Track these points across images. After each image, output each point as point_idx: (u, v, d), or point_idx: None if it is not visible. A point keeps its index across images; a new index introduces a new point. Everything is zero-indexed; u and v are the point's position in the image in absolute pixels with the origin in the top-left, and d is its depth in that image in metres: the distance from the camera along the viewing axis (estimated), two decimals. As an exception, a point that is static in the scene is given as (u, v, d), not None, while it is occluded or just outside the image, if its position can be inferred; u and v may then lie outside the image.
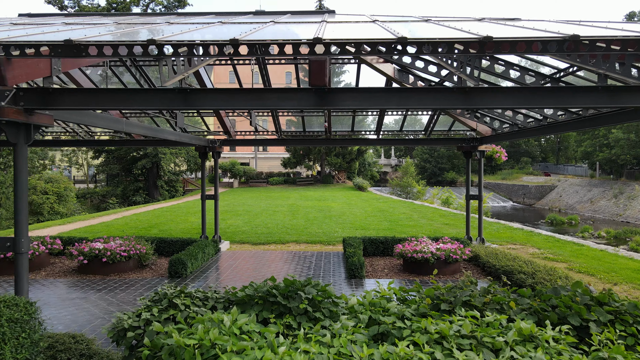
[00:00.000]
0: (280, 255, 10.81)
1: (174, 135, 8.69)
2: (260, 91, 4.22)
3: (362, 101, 4.20)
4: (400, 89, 4.26)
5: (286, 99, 4.21)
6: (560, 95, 4.04)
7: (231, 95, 4.23)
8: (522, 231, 14.37)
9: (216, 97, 4.21)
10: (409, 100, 4.16)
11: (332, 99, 4.19)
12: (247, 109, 4.32)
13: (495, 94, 4.02)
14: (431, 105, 4.19)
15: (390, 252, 10.64)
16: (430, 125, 11.40)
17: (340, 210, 20.99)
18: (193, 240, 10.81)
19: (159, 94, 4.17)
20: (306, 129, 11.92)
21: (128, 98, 4.12)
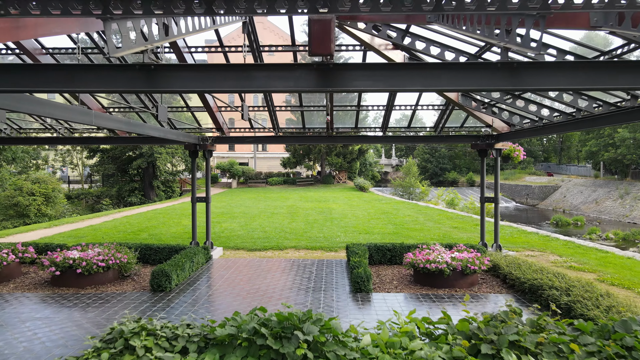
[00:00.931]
0: (277, 263, 9.84)
1: (157, 131, 7.73)
2: (246, 68, 3.27)
3: (377, 81, 3.24)
4: (427, 64, 3.30)
5: (279, 78, 3.25)
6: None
7: (209, 73, 3.27)
8: (537, 236, 13.39)
9: (189, 76, 3.25)
10: (439, 79, 3.20)
11: (339, 78, 3.23)
12: (230, 90, 3.36)
13: (552, 71, 3.07)
14: (467, 85, 3.24)
15: (398, 260, 9.67)
16: (441, 121, 10.43)
17: (342, 212, 20.02)
18: (182, 247, 9.84)
19: (113, 71, 3.21)
20: (306, 126, 10.97)
21: (71, 77, 3.16)
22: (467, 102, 9.12)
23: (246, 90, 3.30)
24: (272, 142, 10.63)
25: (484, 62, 3.16)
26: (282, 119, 25.52)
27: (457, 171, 71.04)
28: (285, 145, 44.61)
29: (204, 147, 10.32)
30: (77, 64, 3.04)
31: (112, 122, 6.16)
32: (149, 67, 3.20)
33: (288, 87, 3.26)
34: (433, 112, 75.49)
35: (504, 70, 3.12)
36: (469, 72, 3.18)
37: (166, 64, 3.22)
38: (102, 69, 3.19)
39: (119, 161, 36.25)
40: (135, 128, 7.22)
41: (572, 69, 3.05)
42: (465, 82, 3.20)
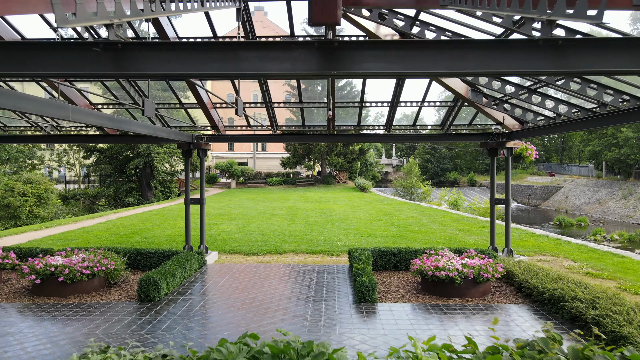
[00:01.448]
0: (276, 269, 9.27)
1: (145, 128, 7.16)
2: (234, 47, 2.70)
3: (391, 62, 2.67)
4: (451, 42, 2.73)
5: (274, 60, 2.69)
6: None
7: (188, 54, 2.70)
8: (548, 239, 12.82)
9: (164, 57, 2.68)
10: (464, 59, 2.64)
11: (345, 60, 2.67)
12: (214, 75, 2.79)
13: (611, 50, 2.50)
14: (498, 67, 2.67)
15: (404, 266, 9.10)
16: (448, 118, 9.87)
17: (343, 214, 19.45)
18: (174, 252, 9.27)
19: (69, 51, 2.64)
20: (306, 124, 10.40)
21: (15, 57, 2.57)
22: (477, 98, 8.55)
23: (233, 75, 2.74)
24: (271, 140, 10.06)
25: (521, 39, 2.59)
26: (281, 119, 24.91)
27: (458, 171, 70.57)
28: (285, 145, 44.04)
29: (197, 146, 9.75)
30: (21, 42, 2.49)
31: (92, 118, 5.59)
32: (115, 46, 2.63)
33: (284, 71, 2.70)
34: (434, 112, 75.04)
35: (547, 48, 2.56)
36: (502, 52, 2.61)
37: (136, 42, 2.65)
38: (54, 48, 2.61)
39: (116, 161, 35.68)
40: (121, 125, 6.64)
41: (633, 46, 2.48)
42: (497, 63, 2.63)
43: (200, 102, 8.89)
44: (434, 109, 69.12)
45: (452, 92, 8.54)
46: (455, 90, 8.25)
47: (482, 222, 16.31)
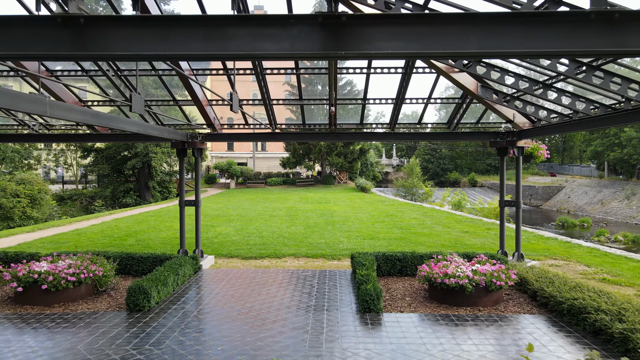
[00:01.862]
0: (274, 275, 8.80)
1: (135, 126, 6.69)
2: (220, 22, 2.24)
3: (410, 41, 2.21)
4: (483, 15, 2.25)
5: (269, 38, 2.23)
6: None
7: (164, 30, 2.24)
8: (557, 241, 12.36)
9: (135, 35, 2.23)
10: (500, 37, 2.18)
11: (355, 38, 2.20)
12: (198, 56, 2.33)
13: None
14: (538, 47, 2.21)
15: (409, 271, 8.64)
16: (456, 116, 9.40)
17: (344, 215, 18.98)
18: (168, 256, 8.81)
19: (21, 26, 2.17)
20: (306, 122, 9.94)
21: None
22: (487, 94, 8.09)
23: (221, 56, 2.29)
24: (270, 139, 9.60)
25: (569, 12, 2.14)
26: (281, 118, 24.35)
27: (459, 171, 70.19)
28: (284, 145, 43.55)
29: (192, 145, 9.29)
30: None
31: (72, 114, 5.12)
32: (77, 21, 2.18)
33: (281, 51, 2.24)
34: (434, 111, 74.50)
35: (600, 23, 2.11)
36: (544, 27, 2.16)
37: (102, 16, 2.19)
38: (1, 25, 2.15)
39: (113, 161, 35.23)
40: (108, 122, 6.18)
41: None
42: (538, 41, 2.17)
43: (194, 98, 8.43)
44: (434, 108, 66.14)
45: (461, 88, 8.08)
46: (464, 86, 7.79)
47: (487, 224, 15.85)
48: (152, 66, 8.12)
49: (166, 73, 8.50)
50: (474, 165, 72.01)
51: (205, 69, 8.31)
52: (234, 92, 5.79)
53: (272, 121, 9.59)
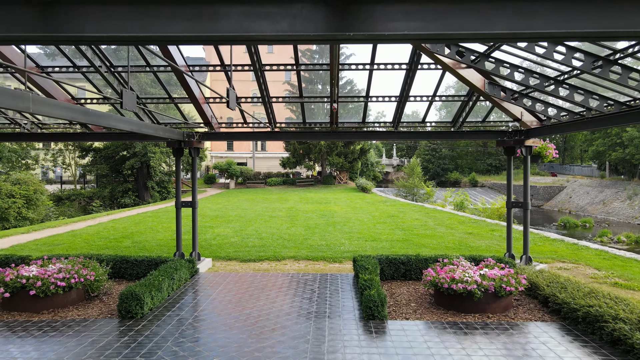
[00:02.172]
0: (274, 278, 8.49)
1: (127, 124, 6.38)
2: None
3: (429, 20, 1.90)
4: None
5: (265, 17, 1.92)
6: None
7: (144, 8, 1.94)
8: (564, 244, 12.05)
9: (109, 13, 1.93)
10: (535, 19, 1.86)
11: (367, 17, 1.90)
12: (182, 38, 2.03)
13: None
14: (591, 26, 1.89)
15: (414, 275, 8.33)
16: (461, 114, 9.10)
17: (345, 216, 18.68)
18: (163, 259, 8.50)
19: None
20: (307, 121, 9.64)
21: None
22: (494, 91, 7.79)
23: (209, 38, 1.98)
24: (269, 138, 9.29)
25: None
26: (280, 118, 24.06)
27: (459, 171, 69.96)
28: (284, 144, 43.27)
29: (189, 144, 8.98)
30: None
31: (59, 110, 4.81)
32: None
33: (279, 33, 1.94)
34: (434, 110, 74.11)
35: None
36: (585, 5, 1.84)
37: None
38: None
39: (112, 161, 34.91)
40: (98, 119, 5.86)
41: None
42: (575, 22, 1.86)
43: (190, 95, 8.11)
44: (434, 107, 65.57)
45: (467, 85, 7.78)
46: (471, 82, 7.48)
47: (491, 225, 15.55)
48: (146, 62, 7.80)
49: (161, 69, 8.19)
50: (474, 165, 71.79)
51: (202, 65, 7.99)
52: (230, 88, 5.48)
53: (272, 120, 9.29)
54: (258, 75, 7.86)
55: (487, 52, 6.60)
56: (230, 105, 5.43)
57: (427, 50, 6.57)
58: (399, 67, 7.72)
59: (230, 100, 5.46)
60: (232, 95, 5.56)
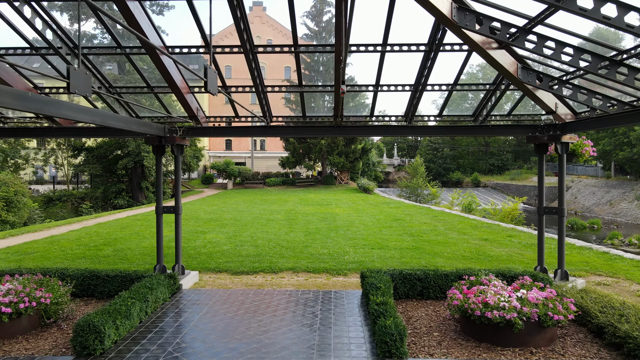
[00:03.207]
0: (269, 297, 7.27)
1: (86, 114, 5.15)
2: None
3: None
4: None
5: None
6: None
7: None
8: (593, 252, 10.83)
9: None
10: None
11: None
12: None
13: None
14: None
15: (431, 293, 7.12)
16: (486, 105, 7.88)
17: (347, 219, 17.45)
18: (140, 275, 7.28)
19: None
20: (306, 114, 8.42)
21: None
22: (529, 77, 6.57)
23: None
24: (264, 133, 8.08)
25: None
26: (277, 110, 22.69)
27: (461, 171, 68.82)
28: (284, 144, 42.01)
29: (171, 141, 7.76)
30: None
31: (10, 99, 3.61)
32: None
33: None
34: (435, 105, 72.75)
35: None
36: None
37: None
38: None
39: (104, 161, 33.69)
40: (56, 109, 4.64)
41: None
42: None
43: (170, 83, 6.88)
44: (431, 102, 63.37)
45: (497, 69, 6.56)
46: (502, 66, 6.26)
47: (506, 230, 14.33)
48: (116, 42, 6.58)
49: (134, 51, 6.95)
50: (476, 165, 70.66)
51: (183, 46, 6.76)
52: (209, 67, 4.26)
53: (267, 112, 8.07)
54: (249, 58, 6.64)
55: (527, 27, 5.39)
56: (209, 87, 4.21)
57: (453, 25, 5.35)
58: (416, 49, 6.50)
59: (209, 81, 4.24)
60: (212, 75, 4.34)
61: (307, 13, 43.28)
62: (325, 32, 41.65)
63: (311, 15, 42.50)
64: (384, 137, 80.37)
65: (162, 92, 7.87)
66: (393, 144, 77.47)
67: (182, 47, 6.74)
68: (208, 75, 4.24)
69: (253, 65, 6.80)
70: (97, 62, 29.91)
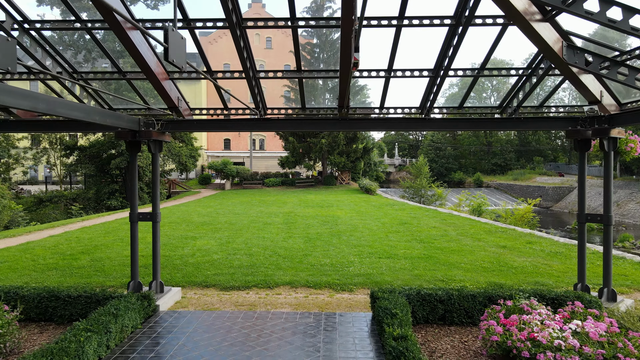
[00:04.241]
0: (261, 323, 6.10)
1: (30, 100, 3.98)
2: None
3: None
4: None
5: None
6: None
7: None
8: (627, 262, 9.63)
9: None
10: None
11: None
12: None
13: None
14: None
15: (455, 318, 5.94)
16: (517, 94, 6.70)
17: (350, 223, 16.27)
18: (108, 295, 6.10)
19: None
20: (306, 106, 7.26)
21: None
22: (575, 58, 5.41)
23: None
24: (255, 127, 6.90)
25: None
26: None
27: (463, 171, 67.70)
28: (283, 143, 40.78)
29: (147, 136, 6.58)
30: None
31: None
32: None
33: None
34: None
35: None
36: None
37: None
38: None
39: (97, 160, 32.51)
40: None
41: None
42: None
43: (143, 66, 5.68)
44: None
45: (538, 46, 5.40)
46: (545, 42, 5.10)
47: (524, 236, 13.15)
48: (74, 14, 5.39)
49: (97, 26, 5.76)
50: (478, 165, 69.54)
51: (157, 19, 5.57)
52: (170, 27, 3.08)
53: (260, 103, 6.89)
54: (236, 35, 5.46)
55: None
56: (170, 56, 3.03)
57: None
58: (440, 22, 5.32)
59: (172, 48, 3.06)
60: (177, 41, 3.16)
61: (306, 9, 42.10)
62: (325, 28, 40.46)
63: (311, 11, 41.31)
64: (384, 137, 79.15)
65: (136, 79, 6.68)
66: (394, 143, 76.24)
67: (154, 21, 5.55)
68: (170, 41, 3.07)
69: (242, 44, 5.62)
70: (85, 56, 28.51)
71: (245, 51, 5.79)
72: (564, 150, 71.07)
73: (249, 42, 5.77)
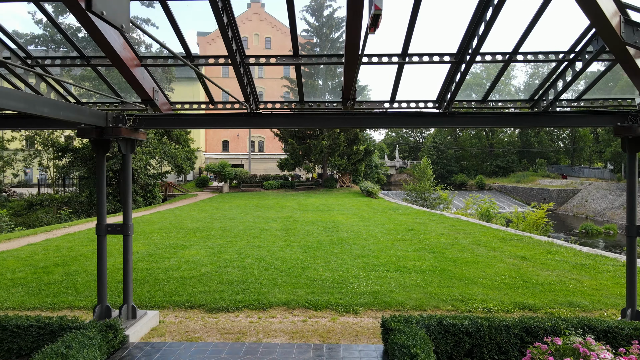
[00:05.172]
0: (249, 358, 5.03)
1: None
2: None
3: None
4: None
5: None
6: None
7: None
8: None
9: None
10: None
11: None
12: None
13: None
14: None
15: (486, 354, 4.89)
16: (554, 83, 5.66)
17: (353, 229, 15.21)
18: (65, 325, 5.05)
19: None
20: (304, 99, 6.23)
21: None
22: (635, 37, 4.37)
23: None
24: (245, 123, 5.86)
25: None
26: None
27: (465, 173, 66.72)
28: (282, 144, 39.73)
29: (116, 133, 5.53)
30: None
31: None
32: None
33: None
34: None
35: None
36: None
37: None
38: None
39: (91, 162, 31.47)
40: None
41: None
42: None
43: (106, 49, 4.64)
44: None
45: (592, 20, 4.36)
46: (602, 13, 4.06)
47: (543, 244, 12.09)
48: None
49: None
50: (480, 167, 68.58)
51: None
52: None
53: (251, 95, 5.85)
54: (218, 8, 4.41)
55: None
56: (94, 4, 1.99)
57: None
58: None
59: None
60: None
61: (306, 7, 41.13)
62: (326, 27, 39.49)
63: (311, 10, 40.36)
64: (385, 139, 78.12)
65: (102, 65, 5.64)
66: (395, 145, 75.19)
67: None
68: None
69: (225, 21, 4.57)
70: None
71: (230, 29, 4.74)
72: (567, 152, 70.14)
73: (234, 19, 4.72)
